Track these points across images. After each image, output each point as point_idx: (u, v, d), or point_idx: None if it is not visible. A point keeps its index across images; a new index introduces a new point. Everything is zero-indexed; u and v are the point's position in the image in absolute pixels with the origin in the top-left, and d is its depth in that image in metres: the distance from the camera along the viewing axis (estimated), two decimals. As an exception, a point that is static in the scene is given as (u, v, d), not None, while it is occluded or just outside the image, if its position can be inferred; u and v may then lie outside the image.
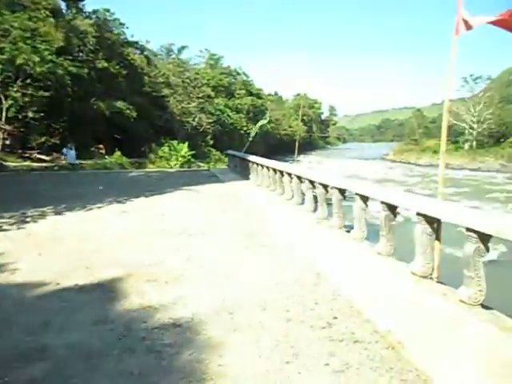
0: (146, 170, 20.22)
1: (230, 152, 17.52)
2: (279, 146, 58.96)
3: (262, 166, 10.87)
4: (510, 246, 9.23)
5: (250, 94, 60.07)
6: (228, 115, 46.79)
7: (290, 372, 2.50)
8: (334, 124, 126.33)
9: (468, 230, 3.28)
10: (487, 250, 3.25)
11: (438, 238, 3.94)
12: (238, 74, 62.65)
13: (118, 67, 27.93)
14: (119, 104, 26.12)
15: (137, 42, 35.30)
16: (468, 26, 4.06)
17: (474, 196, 23.47)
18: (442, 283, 3.86)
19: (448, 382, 2.31)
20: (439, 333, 2.87)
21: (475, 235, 3.22)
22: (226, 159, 20.40)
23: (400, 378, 2.40)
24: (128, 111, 26.41)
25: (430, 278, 3.92)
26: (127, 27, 33.04)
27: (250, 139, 17.37)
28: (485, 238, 3.20)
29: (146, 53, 37.12)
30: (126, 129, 26.49)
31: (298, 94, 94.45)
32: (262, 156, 12.86)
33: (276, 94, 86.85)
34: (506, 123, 49.85)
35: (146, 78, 33.14)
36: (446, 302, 3.39)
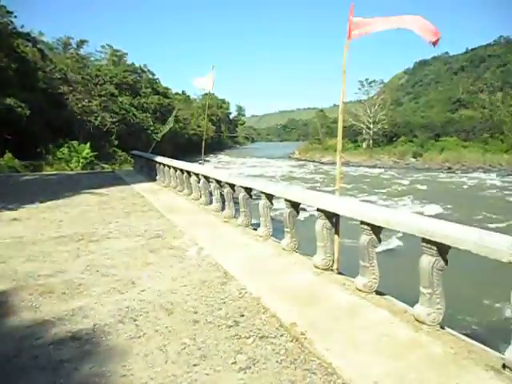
0: (43, 172, 18.68)
1: (135, 153, 16.86)
2: (188, 146, 58.21)
3: (169, 166, 10.66)
4: (404, 237, 10.11)
5: (157, 92, 58.51)
6: (134, 114, 44.99)
7: (198, 374, 2.48)
8: (242, 124, 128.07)
9: (362, 222, 3.52)
10: (379, 240, 3.53)
11: (337, 232, 4.18)
12: (144, 71, 60.70)
13: (6, 60, 25.38)
14: (9, 101, 23.74)
15: (28, 34, 32.37)
16: (361, 32, 4.35)
17: (370, 191, 25.35)
18: (341, 274, 4.11)
19: (346, 365, 2.45)
20: (338, 320, 3.06)
21: (368, 227, 3.48)
22: (133, 160, 19.64)
23: (303, 367, 2.50)
24: (20, 109, 24.10)
25: (331, 270, 4.15)
26: (15, 16, 30.09)
27: (158, 139, 16.91)
28: (377, 230, 3.46)
29: (39, 46, 34.24)
30: (18, 128, 24.19)
31: (206, 94, 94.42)
32: (171, 157, 12.60)
33: (184, 93, 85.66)
34: (398, 124, 54.57)
35: (40, 73, 30.53)
36: (344, 291, 3.61)
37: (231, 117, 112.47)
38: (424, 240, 2.87)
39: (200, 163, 11.54)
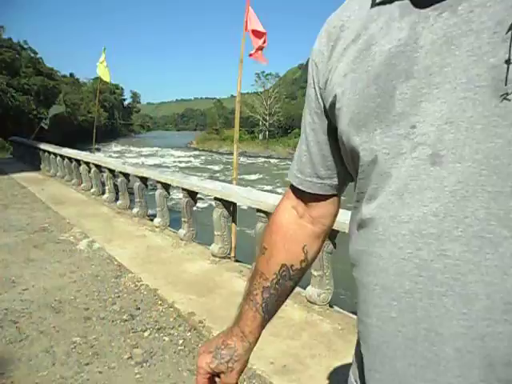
0: None
1: (15, 139, 15.22)
2: (77, 134, 54.30)
3: (55, 154, 9.84)
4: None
5: (40, 73, 53.30)
6: (12, 96, 40.58)
7: (90, 373, 2.34)
8: (137, 111, 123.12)
9: (258, 210, 3.62)
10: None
11: (233, 221, 4.25)
12: (24, 49, 54.83)
13: None
14: None
15: None
16: (257, 25, 4.43)
17: (266, 180, 26.24)
18: (238, 261, 4.19)
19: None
20: (234, 305, 3.10)
21: (264, 215, 3.58)
22: (11, 147, 17.73)
23: (201, 356, 2.51)
24: None
25: (228, 258, 4.21)
26: None
27: (45, 125, 15.45)
28: (272, 217, 3.58)
29: None
30: None
31: (97, 78, 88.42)
32: (58, 144, 11.60)
33: (72, 75, 79.41)
34: (292, 116, 57.01)
35: None
36: (241, 277, 3.70)
37: (126, 104, 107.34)
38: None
39: (91, 152, 10.84)
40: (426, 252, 0.44)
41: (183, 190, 4.69)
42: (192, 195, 4.67)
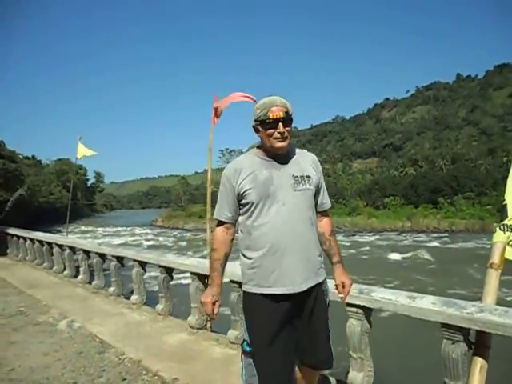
0: None
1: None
2: (40, 216, 53.27)
3: (24, 238, 9.95)
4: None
5: (1, 156, 53.13)
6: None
7: None
8: (100, 191, 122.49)
9: (232, 282, 4.03)
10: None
11: (208, 293, 4.61)
12: (-15, 134, 54.83)
13: None
14: None
15: None
16: (218, 113, 5.05)
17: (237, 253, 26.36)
18: (214, 332, 4.49)
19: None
20: (216, 370, 3.42)
21: (237, 285, 3.99)
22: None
23: (188, 414, 2.80)
24: None
25: (205, 329, 4.52)
26: None
27: (7, 209, 15.45)
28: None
29: None
30: None
31: (60, 159, 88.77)
32: (20, 227, 11.72)
33: (34, 157, 79.50)
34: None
35: None
36: (218, 345, 4.01)
37: (89, 183, 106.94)
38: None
39: (62, 235, 10.97)
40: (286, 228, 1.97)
41: (160, 266, 5.05)
42: (168, 271, 5.04)
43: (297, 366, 2.20)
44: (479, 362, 2.44)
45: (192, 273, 4.55)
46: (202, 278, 4.51)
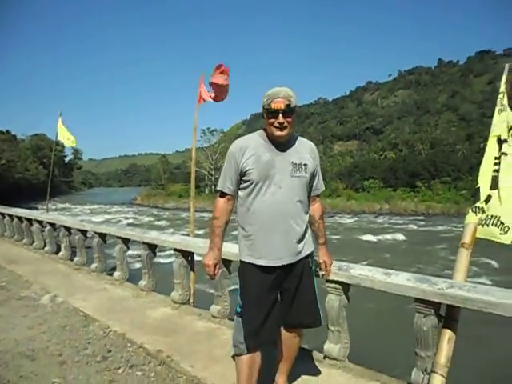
0: None
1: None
2: (14, 192, 52.11)
3: (2, 214, 9.82)
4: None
5: (-26, 130, 51.43)
6: None
7: (74, 406, 2.67)
8: (78, 168, 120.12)
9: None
10: (229, 272, 4.17)
11: (192, 269, 4.71)
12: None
13: None
14: None
15: None
16: (208, 96, 5.12)
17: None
18: (197, 307, 4.61)
19: (209, 375, 2.95)
20: (199, 343, 3.54)
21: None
22: None
23: (174, 383, 2.92)
24: None
25: (188, 304, 4.63)
26: None
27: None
28: (228, 263, 4.10)
29: None
30: None
31: (36, 134, 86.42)
32: (-5, 203, 11.54)
33: (8, 132, 77.04)
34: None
35: None
36: (201, 319, 4.13)
37: (66, 160, 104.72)
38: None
39: (41, 212, 10.85)
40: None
41: (143, 243, 5.11)
42: (152, 248, 5.10)
43: (283, 328, 2.48)
44: (448, 333, 2.61)
45: (176, 249, 4.62)
46: (186, 255, 4.60)
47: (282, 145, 2.22)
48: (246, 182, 2.21)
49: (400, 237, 25.07)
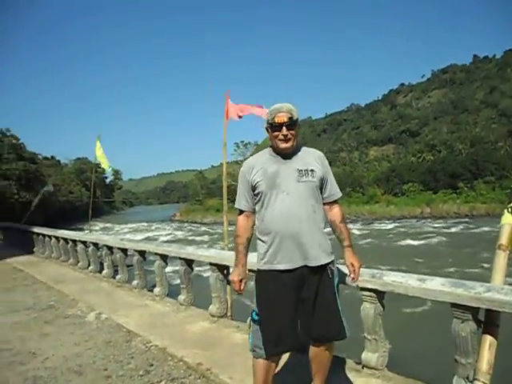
0: None
1: (3, 225, 15.60)
2: (61, 214, 54.41)
3: (49, 236, 10.31)
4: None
5: (22, 158, 54.28)
6: (-6, 182, 40.95)
7: (119, 418, 2.77)
8: (119, 188, 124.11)
9: (249, 270, 4.18)
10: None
11: (228, 283, 4.78)
12: (6, 136, 56.17)
13: None
14: None
15: None
16: (235, 114, 5.27)
17: (253, 245, 26.58)
18: (235, 319, 4.67)
19: (247, 388, 2.98)
20: (237, 355, 3.59)
21: (253, 273, 4.14)
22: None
23: (212, 395, 2.98)
24: None
25: (226, 317, 4.70)
26: None
27: (32, 208, 15.97)
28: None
29: None
30: None
31: (79, 158, 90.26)
32: (42, 226, 12.11)
33: (53, 157, 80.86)
34: (271, 182, 58.64)
35: None
36: (238, 331, 4.18)
37: (107, 181, 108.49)
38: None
39: (86, 233, 11.31)
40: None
41: (180, 259, 5.24)
42: (189, 263, 5.23)
43: (310, 345, 2.46)
44: (488, 339, 2.54)
45: (211, 264, 4.72)
46: (222, 269, 4.68)
47: (287, 156, 2.34)
48: (257, 195, 2.35)
49: (442, 240, 24.26)
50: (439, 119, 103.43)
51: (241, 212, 2.44)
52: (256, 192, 2.35)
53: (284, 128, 2.26)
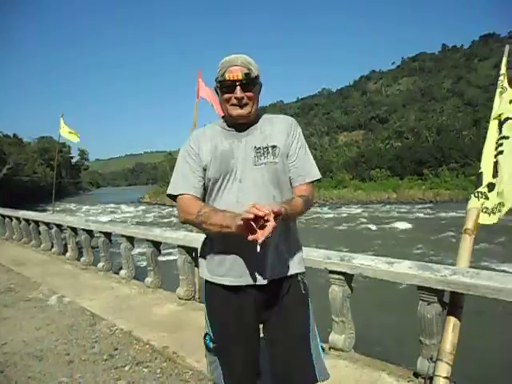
0: None
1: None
2: (24, 195, 52.61)
3: (10, 217, 9.91)
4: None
5: (-19, 135, 51.90)
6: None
7: (81, 404, 2.69)
8: (85, 169, 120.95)
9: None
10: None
11: (196, 265, 4.71)
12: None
13: None
14: None
15: None
16: (206, 94, 5.14)
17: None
18: (202, 302, 4.61)
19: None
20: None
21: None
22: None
23: (179, 379, 2.93)
24: None
25: (194, 299, 4.64)
26: None
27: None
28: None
29: None
30: None
31: (43, 137, 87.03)
32: (5, 206, 11.64)
33: (15, 136, 77.58)
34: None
35: None
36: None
37: (73, 161, 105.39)
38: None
39: (50, 213, 10.93)
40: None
41: (148, 241, 5.12)
42: (156, 245, 5.11)
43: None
44: (452, 321, 2.59)
45: (179, 246, 4.63)
46: (189, 251, 4.60)
47: (242, 127, 1.67)
48: (206, 181, 1.67)
49: (407, 225, 24.94)
50: (408, 107, 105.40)
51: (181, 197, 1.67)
52: (205, 178, 1.67)
53: (238, 88, 1.58)
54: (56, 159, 11.52)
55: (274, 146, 1.65)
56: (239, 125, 1.67)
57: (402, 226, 24.84)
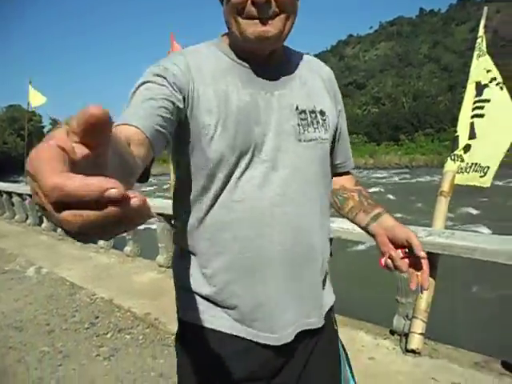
0: None
1: None
2: (-8, 165, 50.92)
3: (-19, 189, 9.60)
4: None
5: None
6: None
7: (64, 371, 2.69)
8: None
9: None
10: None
11: (176, 233, 4.71)
12: None
13: None
14: None
15: None
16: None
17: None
18: (183, 269, 4.64)
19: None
20: (186, 305, 3.58)
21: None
22: None
23: (161, 344, 2.96)
24: None
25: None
26: None
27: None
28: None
29: None
30: None
31: (11, 106, 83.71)
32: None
33: (-18, 105, 74.44)
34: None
35: None
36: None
37: (45, 131, 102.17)
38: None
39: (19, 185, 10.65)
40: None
41: (126, 210, 5.05)
42: (134, 214, 5.05)
43: None
44: (427, 280, 2.67)
45: (158, 213, 4.59)
46: (168, 218, 4.57)
47: (270, 70, 0.91)
48: (202, 161, 0.86)
49: (385, 189, 25.40)
50: (385, 72, 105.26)
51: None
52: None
53: None
54: (26, 128, 11.09)
55: (322, 112, 0.94)
56: (261, 58, 0.89)
57: (381, 190, 25.28)
